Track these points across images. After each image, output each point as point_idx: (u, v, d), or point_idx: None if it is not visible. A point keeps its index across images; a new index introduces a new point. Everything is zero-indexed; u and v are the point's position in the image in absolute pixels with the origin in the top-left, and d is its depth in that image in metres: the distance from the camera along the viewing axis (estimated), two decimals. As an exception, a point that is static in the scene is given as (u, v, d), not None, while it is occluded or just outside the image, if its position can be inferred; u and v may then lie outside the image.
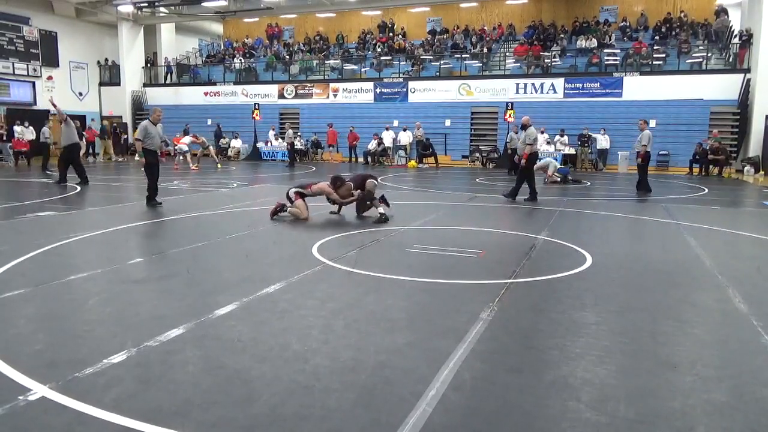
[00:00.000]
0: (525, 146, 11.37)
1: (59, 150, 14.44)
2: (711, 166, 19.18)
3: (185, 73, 31.21)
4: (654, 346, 3.80)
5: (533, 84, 23.60)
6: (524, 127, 11.68)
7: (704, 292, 5.21)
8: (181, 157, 20.56)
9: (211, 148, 22.97)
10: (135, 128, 29.73)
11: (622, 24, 25.67)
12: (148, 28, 30.91)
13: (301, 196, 8.78)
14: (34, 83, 26.98)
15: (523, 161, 11.39)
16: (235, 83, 28.80)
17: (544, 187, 15.07)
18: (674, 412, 2.87)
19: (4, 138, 22.47)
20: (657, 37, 24.19)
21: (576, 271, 5.80)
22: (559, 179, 15.97)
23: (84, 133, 22.65)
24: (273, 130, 26.23)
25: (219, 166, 20.42)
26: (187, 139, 20.38)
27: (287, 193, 8.90)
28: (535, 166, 16.81)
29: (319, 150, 25.68)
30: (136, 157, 20.43)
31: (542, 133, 22.01)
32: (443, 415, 2.79)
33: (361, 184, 9.00)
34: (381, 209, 8.71)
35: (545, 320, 4.29)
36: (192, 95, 29.28)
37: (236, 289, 4.89)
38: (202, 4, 27.88)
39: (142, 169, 10.40)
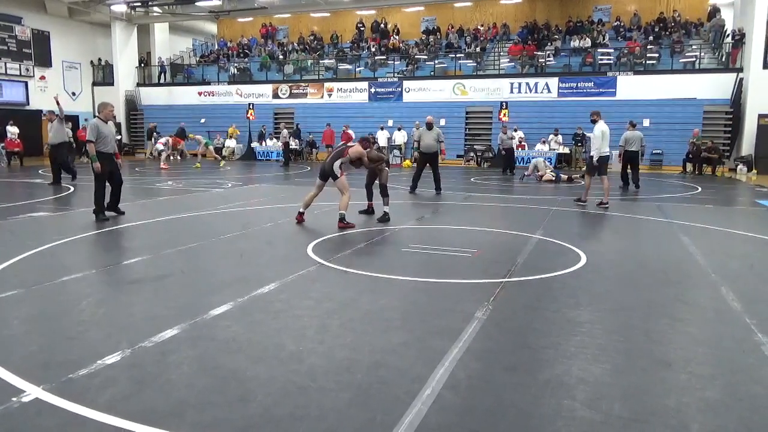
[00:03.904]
0: (438, 143, 12.67)
1: (48, 149, 14.38)
2: (704, 165, 19.26)
3: (179, 73, 31.09)
4: (648, 344, 3.81)
5: (527, 83, 23.64)
6: (430, 126, 12.79)
7: (698, 291, 5.24)
8: (165, 156, 20.65)
9: (211, 147, 22.96)
10: (129, 129, 29.88)
11: (615, 24, 25.77)
12: (142, 28, 30.78)
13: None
14: (26, 83, 26.80)
15: (441, 156, 12.78)
16: (230, 83, 28.72)
17: (537, 185, 15.10)
18: (669, 410, 2.88)
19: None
20: (651, 37, 24.28)
21: (570, 269, 5.81)
22: (553, 178, 16.02)
23: (73, 133, 22.58)
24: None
25: (222, 164, 20.51)
26: (163, 139, 20.56)
27: (332, 167, 8.11)
28: (529, 170, 16.91)
29: (314, 150, 25.64)
30: (84, 159, 20.49)
31: (516, 131, 22.07)
32: (439, 414, 2.79)
33: (378, 161, 8.98)
34: (386, 208, 8.76)
35: (540, 319, 4.30)
36: (186, 95, 29.17)
37: (231, 290, 4.88)
38: (196, 3, 27.78)
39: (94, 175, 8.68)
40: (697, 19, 24.89)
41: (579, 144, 21.50)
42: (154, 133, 25.15)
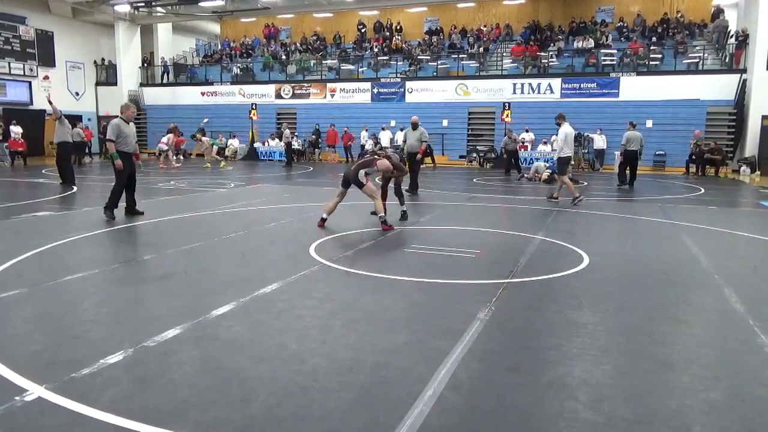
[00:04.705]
0: (421, 143, 12.64)
1: (55, 149, 14.42)
2: (707, 166, 19.24)
3: (182, 73, 31.17)
4: (651, 345, 3.80)
5: (530, 84, 23.62)
6: (415, 126, 12.80)
7: (701, 292, 5.22)
8: (172, 156, 20.66)
9: (215, 147, 22.93)
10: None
11: (618, 24, 25.74)
12: (145, 28, 30.84)
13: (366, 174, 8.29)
14: (30, 83, 26.89)
15: (419, 155, 12.73)
16: (233, 83, 28.76)
17: (536, 185, 15.09)
18: (671, 411, 2.87)
19: (1, 138, 22.37)
20: (654, 38, 24.24)
21: (573, 270, 5.80)
22: (549, 173, 16.04)
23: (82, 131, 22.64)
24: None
25: (222, 165, 20.45)
26: (165, 138, 20.65)
27: (357, 175, 7.97)
28: (530, 173, 16.98)
29: (316, 150, 25.67)
30: (87, 159, 20.26)
31: (527, 131, 22.10)
32: (441, 414, 2.79)
33: (400, 170, 9.10)
34: (404, 207, 8.95)
35: (542, 320, 4.30)
36: (189, 95, 29.24)
37: (233, 290, 4.89)
38: (199, 3, 27.82)
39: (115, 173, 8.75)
40: (701, 19, 24.85)
41: (579, 145, 21.53)
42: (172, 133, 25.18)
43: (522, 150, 21.26)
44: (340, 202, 8.40)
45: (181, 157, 24.42)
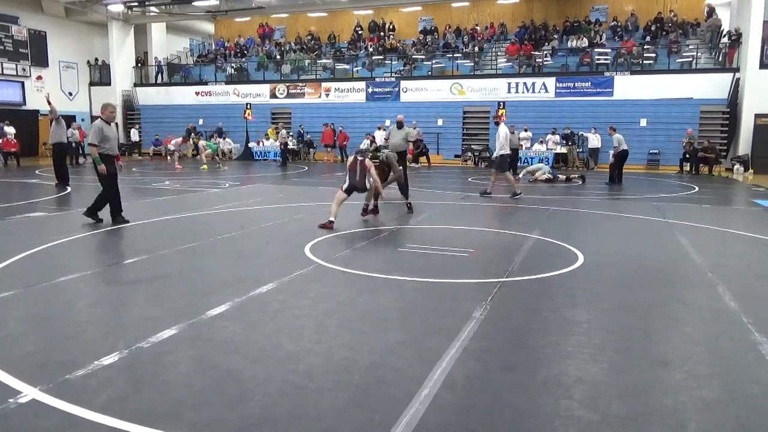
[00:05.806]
0: (406, 143, 12.42)
1: (48, 149, 14.30)
2: (701, 165, 19.32)
3: (176, 73, 31.04)
4: (646, 343, 3.82)
5: (525, 83, 23.66)
6: (400, 125, 12.46)
7: (695, 290, 5.24)
8: (176, 157, 20.58)
9: (209, 151, 22.71)
10: (126, 129, 29.76)
11: (612, 23, 25.80)
12: (139, 28, 30.71)
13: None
14: (23, 83, 26.72)
15: (409, 155, 13.01)
16: (227, 83, 28.69)
17: (530, 185, 15.12)
18: (666, 409, 2.89)
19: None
20: (647, 37, 24.32)
21: (568, 269, 5.82)
22: (550, 177, 16.08)
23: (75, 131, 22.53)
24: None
25: (203, 168, 19.90)
26: (174, 141, 20.57)
27: (365, 183, 8.47)
28: (525, 171, 17.04)
29: (311, 150, 25.64)
30: (80, 159, 19.91)
31: (526, 130, 22.17)
32: (437, 413, 2.79)
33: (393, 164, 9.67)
34: (408, 200, 9.51)
35: (538, 319, 4.31)
36: (183, 95, 29.12)
37: (229, 290, 4.88)
38: (193, 3, 27.72)
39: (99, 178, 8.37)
40: (694, 19, 24.93)
41: (571, 144, 21.62)
42: (192, 134, 25.04)
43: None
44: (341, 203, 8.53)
45: (177, 157, 24.35)
